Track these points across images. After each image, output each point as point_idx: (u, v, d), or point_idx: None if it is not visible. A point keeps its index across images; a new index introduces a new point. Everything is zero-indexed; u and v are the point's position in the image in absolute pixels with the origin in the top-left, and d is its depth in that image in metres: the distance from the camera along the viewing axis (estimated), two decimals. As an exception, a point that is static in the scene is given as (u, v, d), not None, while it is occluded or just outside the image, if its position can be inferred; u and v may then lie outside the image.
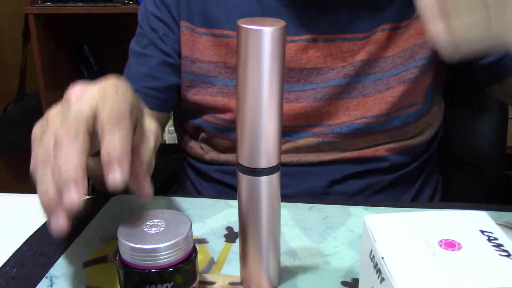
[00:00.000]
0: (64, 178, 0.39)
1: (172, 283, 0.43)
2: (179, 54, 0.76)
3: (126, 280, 0.43)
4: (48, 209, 0.41)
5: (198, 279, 0.45)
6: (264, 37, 0.39)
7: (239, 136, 0.42)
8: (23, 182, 2.16)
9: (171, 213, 0.45)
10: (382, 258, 0.35)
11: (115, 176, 0.39)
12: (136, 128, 0.46)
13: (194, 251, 0.44)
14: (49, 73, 1.81)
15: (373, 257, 0.37)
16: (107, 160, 0.40)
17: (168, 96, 0.78)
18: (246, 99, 0.41)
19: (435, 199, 0.84)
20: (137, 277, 0.42)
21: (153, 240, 0.42)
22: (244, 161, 0.43)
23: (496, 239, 0.38)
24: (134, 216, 0.45)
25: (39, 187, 0.41)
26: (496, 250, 0.37)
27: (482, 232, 0.39)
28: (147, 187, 0.44)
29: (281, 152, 0.44)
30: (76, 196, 0.38)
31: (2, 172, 2.13)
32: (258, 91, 0.40)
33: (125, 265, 0.43)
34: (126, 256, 0.42)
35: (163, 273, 0.42)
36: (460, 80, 0.82)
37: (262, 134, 0.41)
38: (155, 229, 0.43)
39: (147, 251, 0.41)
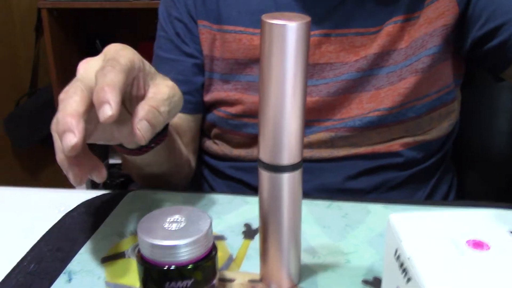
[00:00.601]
0: (60, 128, 0.42)
1: (192, 280, 0.42)
2: (201, 52, 0.76)
3: (145, 277, 0.43)
4: (62, 166, 0.46)
5: (218, 276, 0.45)
6: (289, 32, 0.38)
7: (261, 132, 0.42)
8: (35, 176, 2.17)
9: (191, 210, 0.45)
10: (409, 258, 0.35)
11: (105, 111, 0.42)
12: (143, 82, 0.51)
13: (214, 248, 0.44)
14: (62, 67, 1.82)
15: (399, 256, 0.36)
16: (96, 98, 0.43)
17: (200, 97, 0.78)
18: (270, 94, 0.40)
19: (450, 198, 0.84)
20: (156, 274, 0.42)
21: (173, 236, 0.41)
22: (265, 157, 0.42)
23: None
24: (154, 212, 0.44)
25: (55, 146, 0.46)
26: None
27: (511, 232, 0.38)
28: (142, 128, 0.47)
29: None
30: (69, 140, 0.42)
31: (15, 166, 2.14)
32: (281, 86, 0.40)
33: (145, 261, 0.42)
34: (146, 252, 0.42)
35: (183, 270, 0.42)
36: (475, 67, 0.81)
37: (284, 130, 0.41)
38: (175, 225, 0.42)
39: (167, 247, 0.41)
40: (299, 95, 0.40)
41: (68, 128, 0.42)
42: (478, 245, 0.36)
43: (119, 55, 0.48)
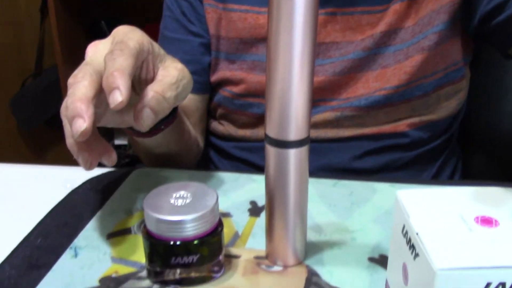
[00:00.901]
0: (70, 113, 0.42)
1: (198, 256, 0.42)
2: (208, 32, 0.75)
3: (151, 252, 0.43)
4: (72, 151, 0.46)
5: (223, 252, 0.45)
6: (297, 6, 0.38)
7: (268, 107, 0.41)
8: (41, 156, 2.18)
9: (197, 186, 0.45)
10: (417, 233, 0.34)
11: (115, 97, 0.42)
12: (152, 64, 0.50)
13: (220, 224, 0.44)
14: (67, 48, 1.81)
15: (406, 232, 0.36)
16: (106, 83, 0.43)
17: (207, 77, 0.78)
18: (277, 69, 0.40)
19: (455, 179, 0.83)
20: (162, 249, 0.42)
21: (180, 212, 0.41)
22: (272, 132, 0.42)
23: None
24: (160, 188, 0.44)
25: (65, 131, 0.46)
26: None
27: None
28: (143, 115, 0.47)
29: None
30: (79, 125, 0.41)
31: (21, 146, 2.15)
32: (289, 61, 0.39)
33: (150, 236, 0.42)
34: (152, 227, 0.42)
35: (189, 245, 0.42)
36: (483, 44, 0.80)
37: (292, 105, 0.40)
38: (181, 201, 0.42)
39: (173, 223, 0.41)
40: (306, 70, 0.40)
41: (77, 114, 0.42)
42: (486, 221, 0.36)
43: (127, 37, 0.47)
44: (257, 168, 0.77)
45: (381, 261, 0.47)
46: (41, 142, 2.14)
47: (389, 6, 0.69)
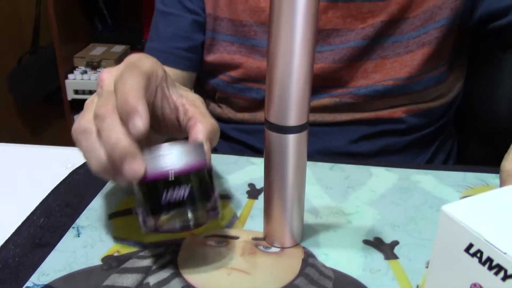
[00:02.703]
0: (119, 154, 0.39)
1: (189, 188, 0.41)
2: (204, 10, 0.75)
3: (144, 195, 0.41)
4: (106, 175, 0.42)
5: (217, 193, 0.43)
6: (299, -6, 0.38)
7: (269, 93, 0.42)
8: (38, 134, 2.18)
9: (187, 141, 0.44)
10: (505, 253, 0.31)
11: (135, 123, 0.39)
12: (168, 91, 0.47)
13: (210, 168, 0.43)
14: (63, 25, 1.80)
15: (479, 251, 0.33)
16: (121, 109, 0.39)
17: (198, 55, 0.77)
18: (278, 55, 0.40)
19: (449, 163, 0.84)
20: (153, 186, 0.40)
21: (169, 146, 0.41)
22: (272, 118, 0.43)
23: None
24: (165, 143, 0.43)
25: (89, 156, 0.42)
26: None
27: None
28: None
29: None
30: (136, 167, 0.39)
31: (17, 124, 2.15)
32: (290, 47, 0.40)
33: (142, 180, 0.40)
34: (147, 167, 0.40)
35: (178, 177, 0.40)
36: (485, 41, 0.80)
37: (292, 91, 0.41)
38: (171, 146, 0.42)
39: (162, 151, 0.40)
40: (307, 57, 0.40)
41: (130, 155, 0.39)
42: None
43: (140, 61, 0.44)
44: (255, 150, 0.78)
45: (376, 243, 0.48)
46: (38, 118, 2.14)
47: None
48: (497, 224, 0.33)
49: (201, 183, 0.42)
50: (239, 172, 0.60)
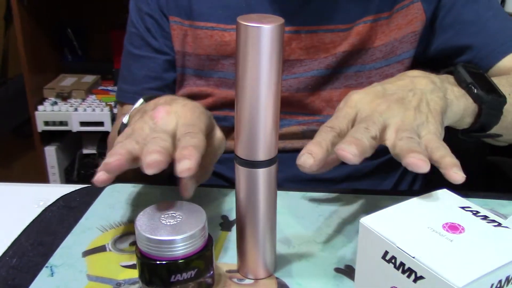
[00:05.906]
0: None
1: (196, 270, 0.44)
2: (172, 49, 0.77)
3: (151, 274, 0.44)
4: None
5: (215, 263, 0.48)
6: (263, 34, 0.40)
7: (237, 129, 0.44)
8: (6, 167, 2.15)
9: (182, 203, 0.47)
10: (414, 257, 0.35)
11: (183, 164, 0.44)
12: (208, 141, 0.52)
13: (210, 238, 0.46)
14: (33, 56, 1.79)
15: (393, 258, 0.36)
16: (179, 152, 0.45)
17: (170, 93, 0.79)
18: (245, 94, 0.42)
19: (415, 186, 0.86)
20: (165, 269, 0.44)
21: (174, 231, 0.43)
22: (242, 153, 0.44)
23: (478, 212, 0.40)
24: (150, 207, 0.46)
25: (122, 148, 0.46)
26: (488, 223, 0.38)
27: (463, 208, 0.40)
28: (190, 186, 0.52)
29: None
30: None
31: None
32: (256, 86, 0.41)
33: (146, 258, 0.43)
34: (151, 250, 0.43)
35: (189, 261, 0.44)
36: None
37: (260, 128, 0.43)
38: (173, 220, 0.44)
39: (170, 242, 0.43)
40: (273, 95, 0.42)
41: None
42: (453, 228, 0.37)
43: (199, 119, 0.51)
44: (226, 179, 0.79)
45: (347, 271, 0.50)
46: (6, 152, 2.11)
47: (352, 26, 0.72)
48: (408, 232, 0.37)
49: (206, 259, 0.45)
50: (212, 204, 0.61)
